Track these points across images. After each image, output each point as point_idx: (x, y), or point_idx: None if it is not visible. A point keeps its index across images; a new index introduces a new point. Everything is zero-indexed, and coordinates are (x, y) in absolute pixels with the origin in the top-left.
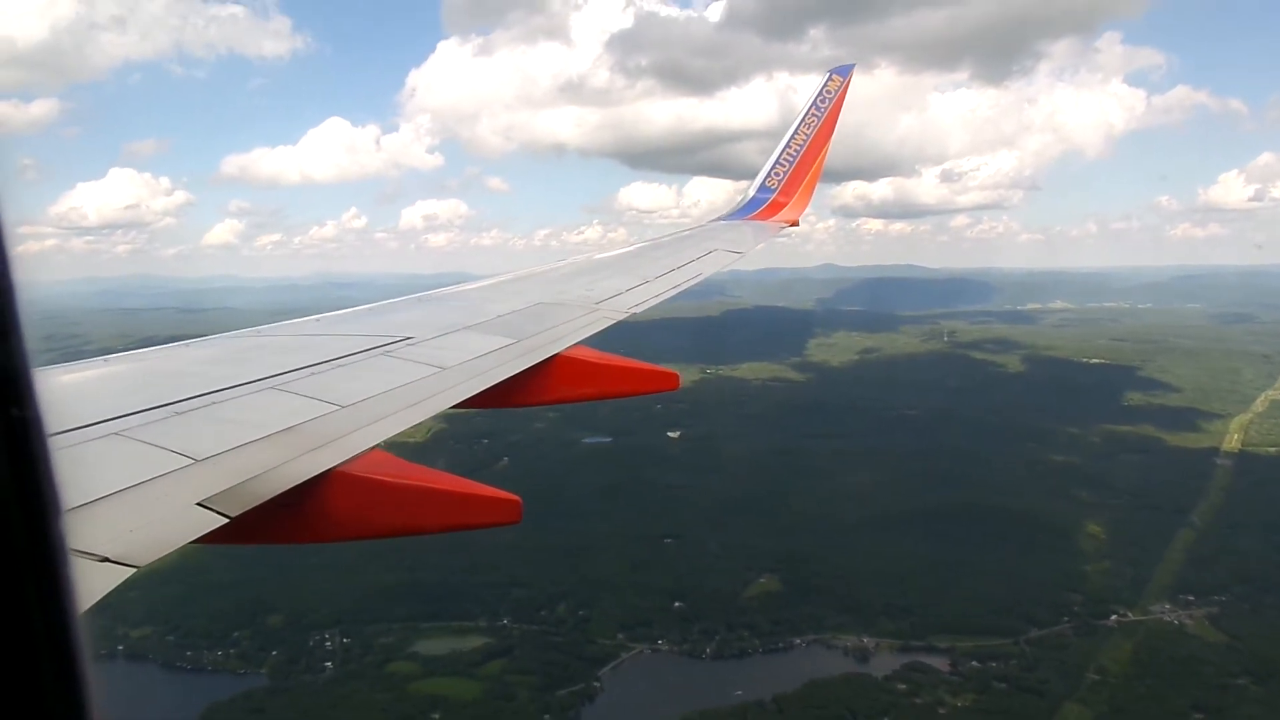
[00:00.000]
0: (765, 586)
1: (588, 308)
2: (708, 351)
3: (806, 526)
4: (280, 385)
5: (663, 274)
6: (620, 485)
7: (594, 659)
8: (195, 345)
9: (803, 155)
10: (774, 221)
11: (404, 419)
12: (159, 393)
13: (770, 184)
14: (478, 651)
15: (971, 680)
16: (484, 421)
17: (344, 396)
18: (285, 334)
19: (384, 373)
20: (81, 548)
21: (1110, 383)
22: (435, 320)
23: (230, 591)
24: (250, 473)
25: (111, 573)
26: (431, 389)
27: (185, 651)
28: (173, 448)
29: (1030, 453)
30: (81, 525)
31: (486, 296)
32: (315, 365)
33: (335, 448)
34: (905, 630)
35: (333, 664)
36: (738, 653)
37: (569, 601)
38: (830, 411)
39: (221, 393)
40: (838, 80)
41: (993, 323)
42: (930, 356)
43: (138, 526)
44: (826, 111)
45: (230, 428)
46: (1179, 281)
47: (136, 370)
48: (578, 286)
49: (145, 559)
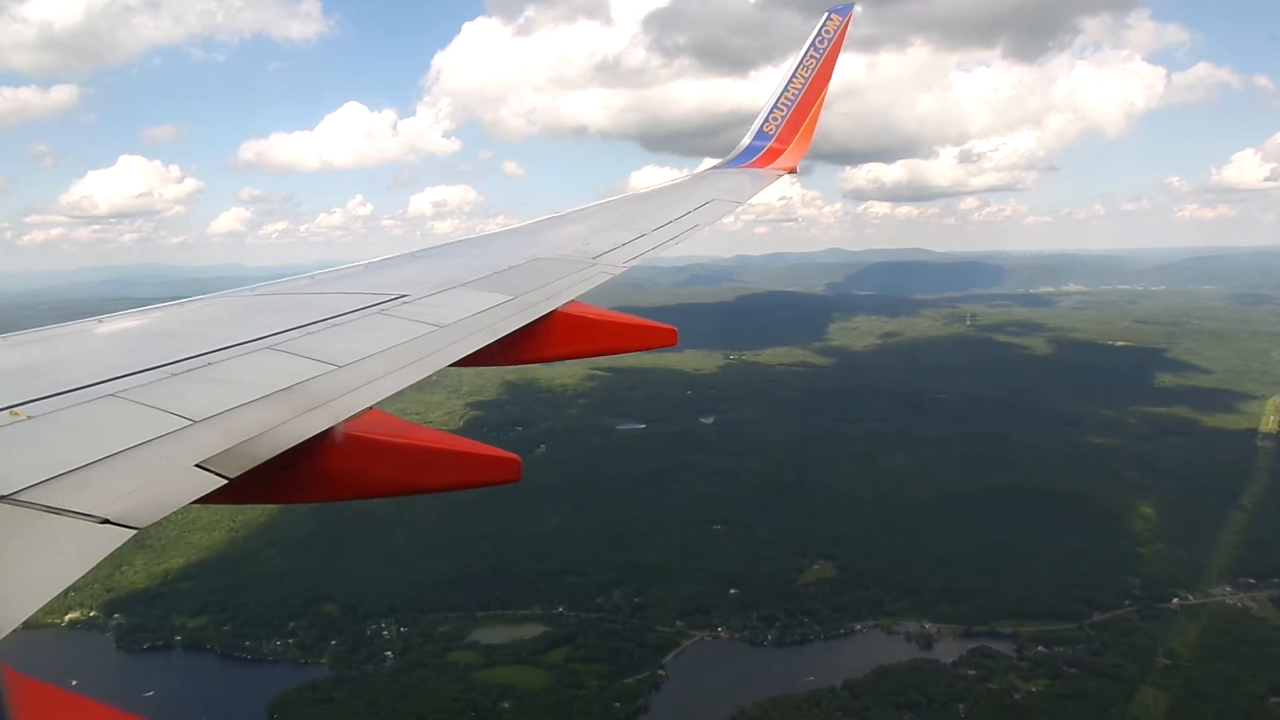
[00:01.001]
0: (819, 572)
1: (585, 262)
2: (728, 337)
3: (853, 511)
4: (276, 345)
5: (659, 226)
6: (662, 471)
7: (656, 646)
8: (190, 305)
9: (800, 100)
10: (771, 169)
11: (401, 378)
12: (155, 354)
13: (768, 130)
14: (539, 640)
15: (1041, 665)
16: (516, 409)
17: (340, 356)
18: (280, 293)
19: (380, 331)
20: (82, 510)
21: (1139, 365)
22: (430, 277)
23: (282, 580)
24: (248, 433)
25: (113, 534)
26: (428, 347)
27: (244, 641)
28: (170, 409)
29: (1068, 435)
30: (81, 488)
31: (482, 252)
32: (311, 325)
33: (333, 407)
34: (966, 615)
35: (393, 653)
36: (799, 639)
37: (624, 588)
38: (860, 396)
39: (218, 353)
40: (836, 20)
41: (1010, 306)
42: (953, 340)
43: (137, 488)
44: (825, 53)
45: (227, 388)
46: (1191, 263)
47: (131, 331)
48: (574, 240)
49: (146, 520)
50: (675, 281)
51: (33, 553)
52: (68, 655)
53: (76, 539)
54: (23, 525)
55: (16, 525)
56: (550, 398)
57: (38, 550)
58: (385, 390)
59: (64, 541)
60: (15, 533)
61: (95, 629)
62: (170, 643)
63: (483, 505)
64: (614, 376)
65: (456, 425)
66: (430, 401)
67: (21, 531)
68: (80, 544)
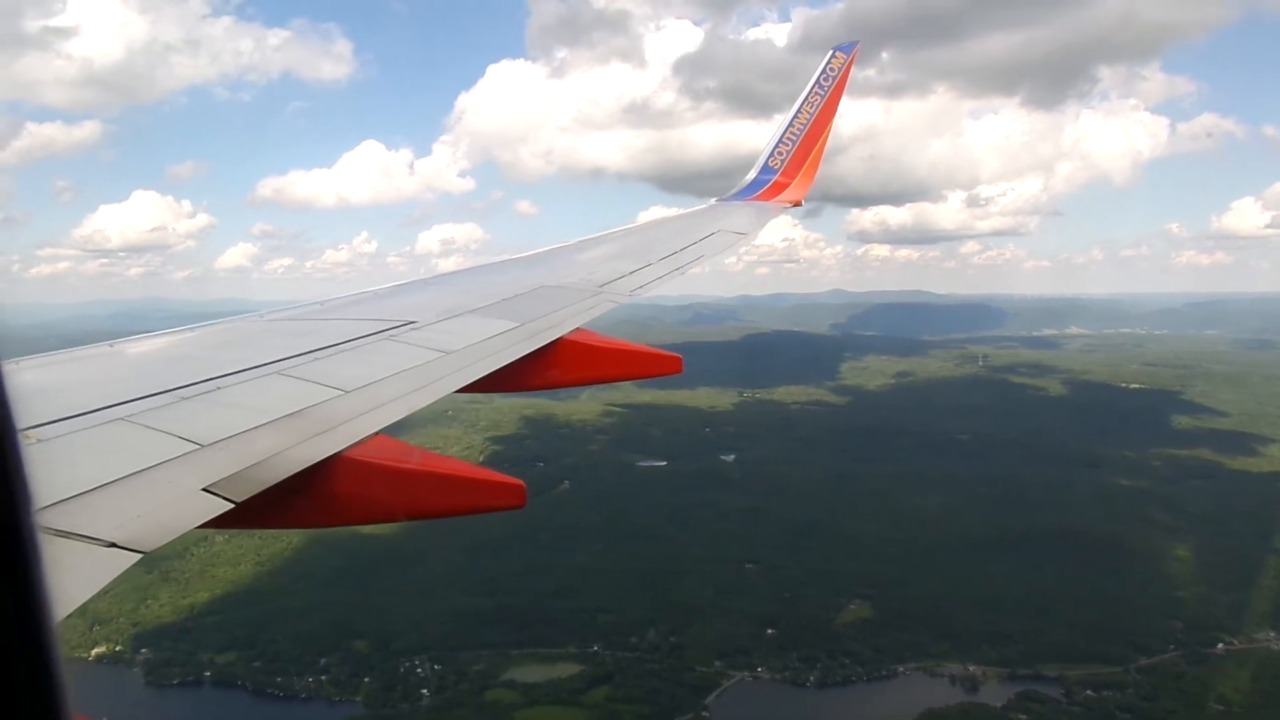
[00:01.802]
0: (856, 612)
1: (591, 291)
2: (739, 375)
3: (884, 552)
4: (284, 370)
5: (665, 256)
6: (689, 509)
7: (696, 687)
8: (199, 330)
9: (805, 135)
10: (777, 202)
11: (408, 403)
12: (163, 378)
13: (773, 164)
14: (576, 679)
15: (1095, 710)
16: (535, 444)
17: (348, 381)
18: (289, 318)
19: (387, 357)
20: (88, 533)
21: (1155, 407)
22: (438, 304)
23: (311, 615)
24: (255, 458)
25: (118, 558)
26: (435, 373)
27: (275, 678)
28: (178, 433)
29: (1093, 477)
30: (88, 511)
31: (490, 280)
32: (319, 350)
33: (340, 432)
34: (1010, 658)
35: (429, 691)
36: (841, 681)
37: (658, 627)
38: (879, 435)
39: (226, 378)
40: (841, 57)
41: (1017, 347)
42: (966, 380)
43: (144, 512)
44: (830, 90)
45: (235, 413)
46: (1190, 309)
47: (141, 356)
48: (581, 269)
49: (152, 544)
50: (679, 320)
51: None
52: (98, 690)
53: (83, 562)
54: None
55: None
56: (569, 433)
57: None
58: (392, 415)
59: (71, 565)
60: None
61: (123, 664)
62: (200, 679)
63: (511, 541)
64: (631, 413)
65: (476, 460)
66: (448, 435)
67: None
68: (87, 567)
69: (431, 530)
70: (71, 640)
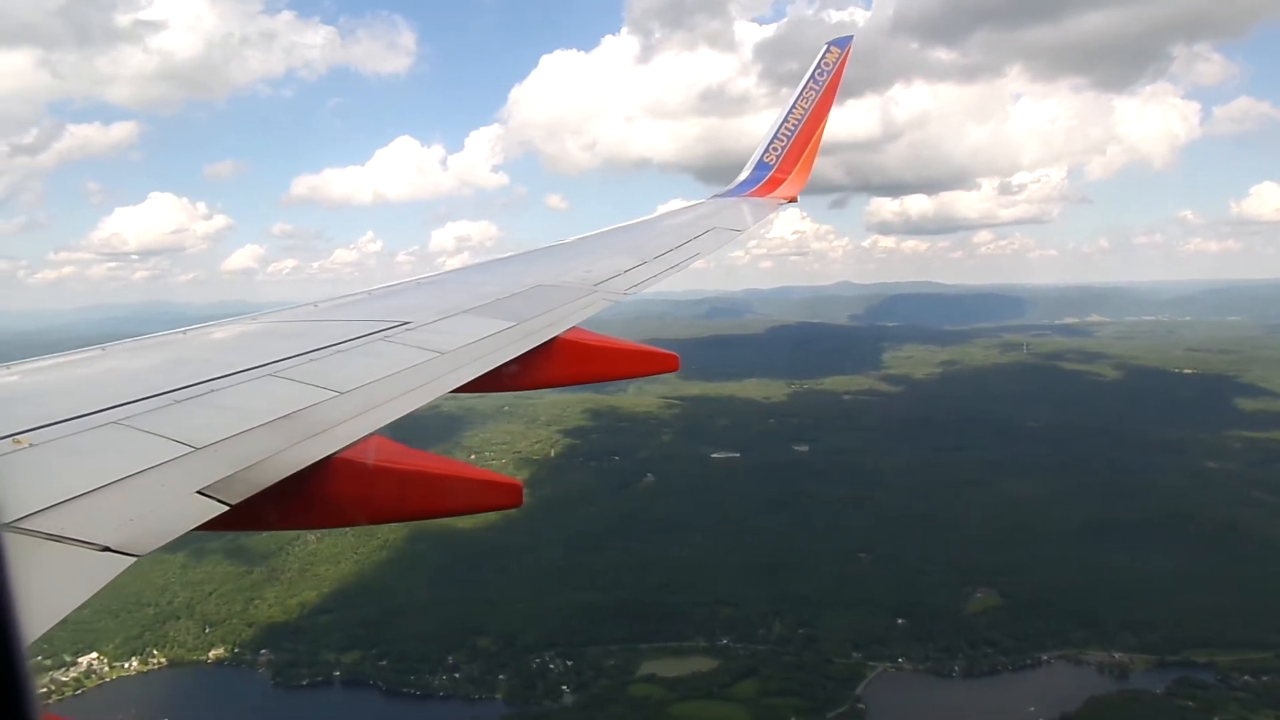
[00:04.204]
0: (984, 601)
1: (586, 289)
2: (782, 367)
3: (998, 540)
4: (279, 372)
5: (661, 254)
6: (781, 500)
7: (841, 679)
8: (193, 333)
9: (800, 130)
10: (773, 198)
11: (403, 404)
12: (158, 381)
13: (768, 160)
14: (717, 673)
15: (1263, 695)
16: (605, 437)
17: (342, 382)
18: (283, 320)
19: (382, 358)
20: (82, 537)
21: (1215, 391)
22: (433, 304)
23: (427, 613)
24: (250, 460)
25: (113, 562)
26: (430, 374)
27: (407, 676)
28: (172, 436)
29: (1178, 462)
30: (82, 515)
31: (485, 279)
32: (313, 351)
33: (334, 434)
34: (1154, 645)
35: (569, 688)
36: (987, 671)
37: (783, 619)
38: (947, 424)
39: (220, 380)
40: (836, 52)
41: (1051, 335)
42: (1016, 368)
43: (138, 515)
44: (825, 84)
45: (229, 415)
46: (1206, 295)
47: (135, 358)
48: (576, 268)
49: (146, 548)
50: (694, 314)
51: (34, 580)
52: (225, 693)
53: (77, 566)
54: (24, 553)
55: (18, 553)
56: (634, 425)
57: (39, 578)
58: (387, 416)
59: (65, 569)
60: (17, 560)
61: (244, 665)
62: (329, 679)
63: (608, 536)
64: (690, 405)
65: (549, 454)
66: (511, 430)
67: (23, 559)
68: (81, 571)
69: (525, 525)
70: (187, 644)
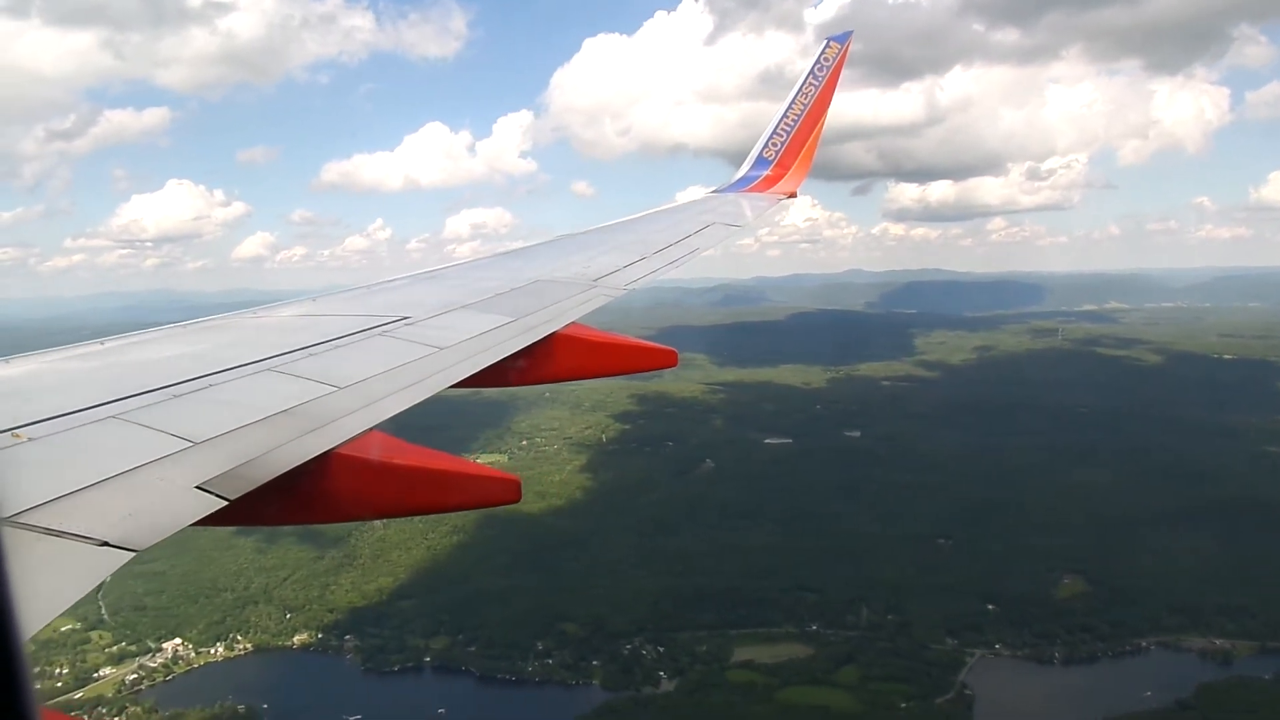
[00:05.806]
0: (1072, 587)
1: (585, 285)
2: (817, 353)
3: (1076, 525)
4: (278, 367)
5: (660, 249)
6: (848, 486)
7: (941, 665)
8: (192, 327)
9: (799, 126)
10: (772, 193)
11: (402, 399)
12: (157, 375)
13: (767, 155)
14: (815, 659)
15: None
16: (655, 423)
17: (342, 378)
18: (282, 315)
19: (381, 353)
20: (80, 532)
21: (1259, 376)
22: (433, 299)
23: (510, 599)
24: (249, 455)
25: (111, 557)
26: (429, 369)
27: (498, 661)
28: (171, 430)
29: (1241, 446)
30: (81, 510)
31: (484, 274)
32: (312, 346)
33: (333, 429)
34: (1255, 631)
35: (665, 674)
36: (1087, 657)
37: (870, 605)
38: (995, 409)
39: (219, 375)
40: (835, 48)
41: (1076, 321)
42: (1053, 354)
43: (136, 510)
44: (824, 80)
45: (228, 410)
46: (1221, 282)
47: (134, 352)
48: (575, 263)
49: (145, 543)
50: (709, 302)
51: (32, 575)
52: (315, 678)
53: (75, 561)
54: (23, 547)
55: (17, 547)
56: (680, 412)
57: (37, 572)
58: (386, 412)
59: (63, 564)
60: (15, 555)
61: (331, 651)
62: (419, 664)
63: (678, 522)
64: (733, 391)
65: (601, 439)
66: (558, 416)
67: (21, 553)
68: (79, 566)
69: (592, 511)
70: (270, 629)
